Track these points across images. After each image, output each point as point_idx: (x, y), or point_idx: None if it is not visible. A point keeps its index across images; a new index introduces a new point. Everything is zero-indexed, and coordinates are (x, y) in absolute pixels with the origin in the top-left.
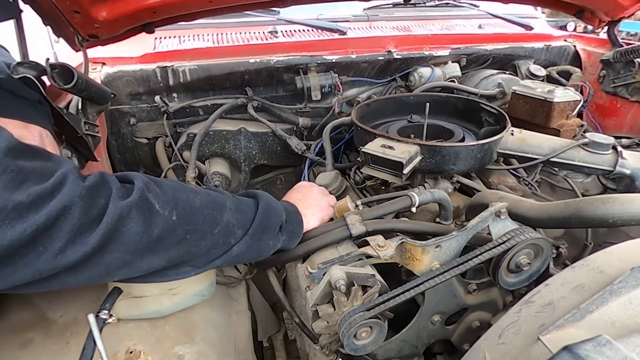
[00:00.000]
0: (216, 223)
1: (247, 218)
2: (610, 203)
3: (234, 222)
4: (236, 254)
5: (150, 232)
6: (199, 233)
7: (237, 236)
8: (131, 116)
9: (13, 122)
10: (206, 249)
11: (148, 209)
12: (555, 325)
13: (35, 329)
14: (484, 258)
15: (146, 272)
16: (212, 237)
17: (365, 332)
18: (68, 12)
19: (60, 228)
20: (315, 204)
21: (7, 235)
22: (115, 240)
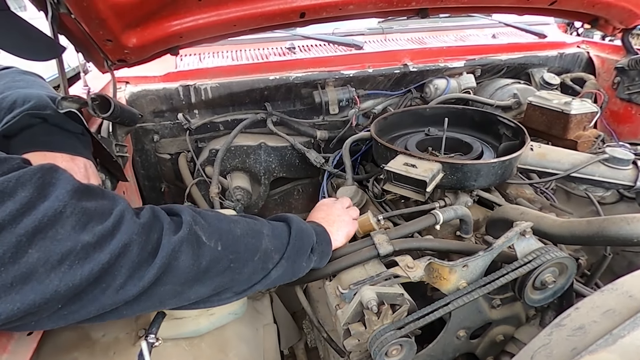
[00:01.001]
0: (256, 250)
1: (282, 243)
2: (634, 223)
3: (272, 248)
4: (274, 277)
5: (199, 263)
6: (241, 261)
7: (274, 261)
8: (154, 133)
9: (62, 155)
10: (247, 275)
11: (197, 242)
12: (588, 351)
13: (80, 349)
14: (511, 277)
15: (193, 300)
16: (252, 263)
17: (395, 350)
18: (101, 41)
19: (121, 265)
20: (339, 220)
21: (77, 275)
22: (168, 273)
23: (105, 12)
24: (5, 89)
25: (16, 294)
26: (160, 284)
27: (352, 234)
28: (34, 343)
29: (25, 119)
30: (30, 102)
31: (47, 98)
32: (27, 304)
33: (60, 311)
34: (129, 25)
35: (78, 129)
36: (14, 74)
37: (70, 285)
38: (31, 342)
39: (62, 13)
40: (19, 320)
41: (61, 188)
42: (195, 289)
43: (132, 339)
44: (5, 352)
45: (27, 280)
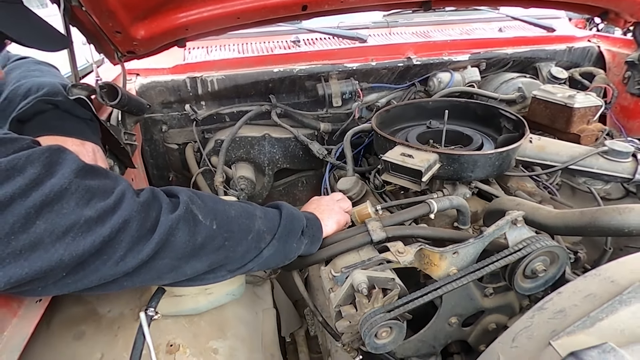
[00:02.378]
0: (249, 230)
1: (274, 224)
2: (626, 213)
3: (264, 229)
4: (266, 257)
5: (195, 239)
6: (235, 239)
7: (266, 241)
8: (163, 123)
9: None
10: (241, 253)
11: (193, 220)
12: (566, 332)
13: (87, 323)
14: (500, 265)
15: (190, 276)
16: (246, 242)
17: (385, 332)
18: (110, 32)
19: (121, 239)
20: (328, 209)
21: (80, 246)
22: (166, 248)
23: (114, 4)
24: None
25: (25, 260)
26: (158, 258)
27: (343, 222)
28: (41, 309)
29: (38, 105)
30: (44, 89)
31: (59, 85)
32: (35, 270)
33: (65, 279)
34: (137, 17)
35: (87, 115)
36: (30, 63)
37: (74, 255)
38: (39, 308)
39: (74, 5)
40: (28, 285)
41: (67, 167)
42: (191, 264)
43: (136, 315)
44: (16, 317)
45: (34, 248)
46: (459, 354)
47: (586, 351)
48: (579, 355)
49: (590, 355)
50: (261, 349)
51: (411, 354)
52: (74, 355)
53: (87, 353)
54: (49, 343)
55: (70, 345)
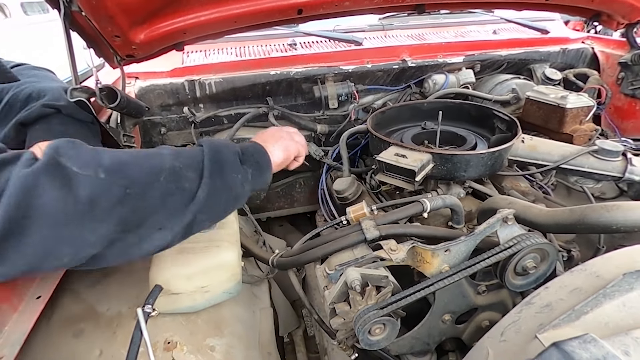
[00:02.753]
0: (158, 170)
1: (195, 159)
2: (614, 211)
3: (180, 165)
4: (204, 199)
5: (76, 195)
6: (139, 185)
7: (191, 179)
8: (162, 126)
9: None
10: (160, 200)
11: (62, 172)
12: (552, 325)
13: (86, 321)
14: (491, 262)
15: (100, 243)
16: (159, 184)
17: (379, 329)
18: (110, 37)
19: None
20: (273, 137)
21: None
22: (31, 215)
23: (113, 9)
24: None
25: None
26: (26, 230)
27: (293, 150)
28: (41, 305)
29: (41, 109)
30: (46, 94)
31: (61, 90)
32: None
33: None
34: (136, 21)
35: (89, 118)
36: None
37: None
38: (39, 304)
39: (74, 11)
40: None
41: None
42: (89, 227)
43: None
44: (16, 312)
45: None
46: (453, 351)
47: (568, 341)
48: (561, 345)
49: (572, 345)
50: (258, 347)
51: (406, 351)
52: (73, 352)
53: (86, 350)
54: (49, 340)
55: (69, 343)
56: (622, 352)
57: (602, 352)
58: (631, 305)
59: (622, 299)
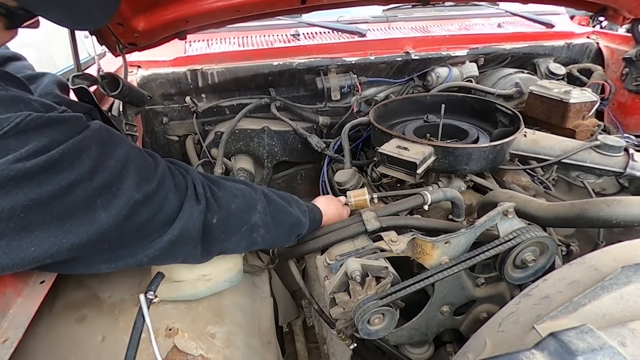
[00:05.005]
0: (245, 223)
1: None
2: (614, 205)
3: (260, 223)
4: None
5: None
6: (231, 232)
7: (260, 233)
8: (164, 115)
9: None
10: (235, 242)
11: (201, 213)
12: (550, 316)
13: (89, 307)
14: (490, 254)
15: (184, 259)
16: (240, 233)
17: (378, 319)
18: (112, 25)
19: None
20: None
21: (129, 223)
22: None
23: None
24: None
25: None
26: (177, 243)
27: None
28: (45, 290)
29: None
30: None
31: (52, 85)
32: (89, 238)
33: (105, 253)
34: (138, 9)
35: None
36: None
37: (121, 231)
38: (43, 289)
39: None
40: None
41: (120, 148)
42: (187, 249)
43: (136, 300)
44: (20, 297)
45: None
46: (451, 342)
47: (565, 332)
48: (559, 335)
49: (569, 335)
50: (258, 335)
51: (404, 341)
52: (75, 337)
53: (89, 335)
54: (52, 326)
55: (72, 328)
56: (618, 343)
57: (599, 343)
58: (628, 298)
59: (619, 291)
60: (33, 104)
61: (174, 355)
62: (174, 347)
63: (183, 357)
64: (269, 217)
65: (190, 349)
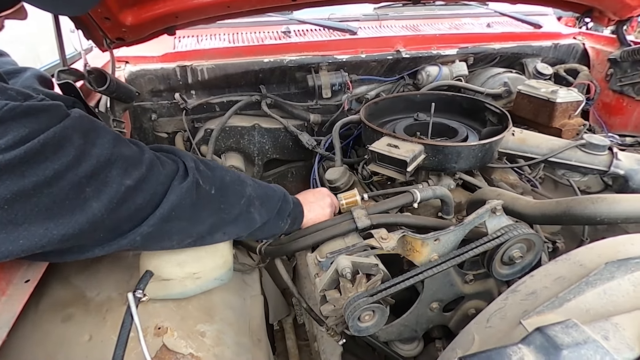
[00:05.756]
0: (242, 195)
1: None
2: (598, 203)
3: (254, 195)
4: (258, 223)
5: (198, 203)
6: (230, 203)
7: (256, 206)
8: (152, 112)
9: None
10: (234, 216)
11: (196, 186)
12: (536, 312)
13: (75, 306)
14: (479, 251)
15: (194, 237)
16: (239, 206)
17: (368, 316)
18: (99, 19)
19: (149, 205)
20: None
21: (121, 211)
22: (176, 211)
23: None
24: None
25: (76, 222)
26: (170, 221)
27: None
28: (30, 289)
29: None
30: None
31: (32, 78)
32: (81, 227)
33: (101, 241)
34: (126, 3)
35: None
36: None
37: (113, 218)
38: (28, 288)
39: None
40: (75, 241)
41: (103, 136)
42: (195, 225)
43: (124, 298)
44: (4, 295)
45: (83, 210)
46: (440, 338)
47: (551, 326)
48: (544, 330)
49: (554, 330)
50: (248, 334)
51: (394, 338)
52: (62, 336)
53: (76, 334)
54: (37, 325)
55: (58, 327)
56: (602, 337)
57: (583, 337)
58: (612, 293)
59: (603, 287)
60: (9, 93)
61: (163, 354)
62: (163, 346)
63: (172, 356)
64: (260, 190)
65: (179, 348)
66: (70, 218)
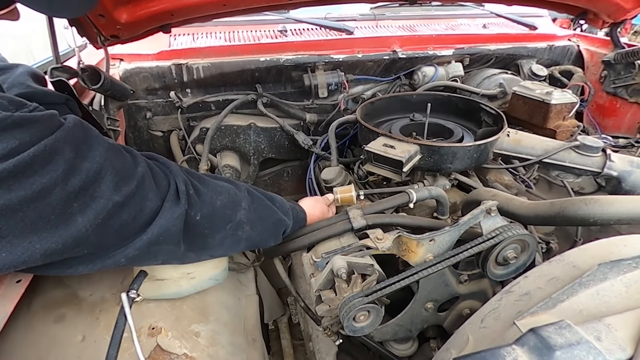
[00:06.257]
0: (230, 220)
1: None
2: (591, 204)
3: (245, 220)
4: (243, 244)
5: (181, 227)
6: (214, 229)
7: (245, 230)
8: (147, 110)
9: None
10: (219, 240)
11: (185, 213)
12: (530, 312)
13: (68, 306)
14: (473, 251)
15: (177, 257)
16: (224, 231)
17: (363, 316)
18: (94, 16)
19: (136, 224)
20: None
21: (107, 226)
22: (164, 235)
23: None
24: None
25: (59, 237)
26: (158, 244)
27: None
28: (21, 289)
29: None
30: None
31: (25, 75)
32: (65, 244)
33: (85, 257)
34: (121, 1)
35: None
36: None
37: (99, 235)
38: (19, 288)
39: None
40: (57, 257)
41: (96, 148)
42: (176, 247)
43: (117, 299)
44: None
45: (68, 226)
46: (434, 338)
47: (544, 327)
48: (538, 331)
49: (548, 330)
50: (243, 333)
51: (389, 338)
52: (55, 337)
53: (68, 335)
54: (29, 325)
55: (51, 328)
56: (594, 338)
57: (576, 338)
58: (604, 294)
59: (596, 288)
60: (0, 102)
61: (157, 354)
62: (157, 346)
63: (166, 357)
64: (254, 214)
65: (174, 348)
66: (54, 232)
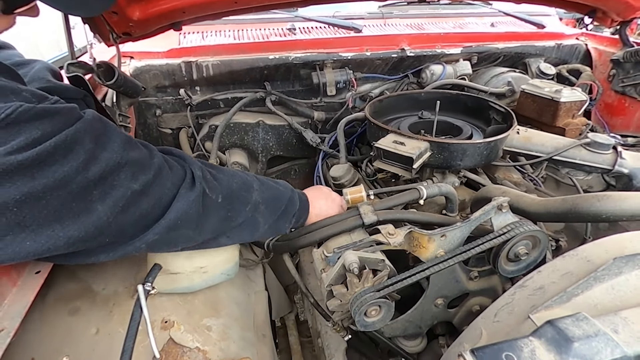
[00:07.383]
0: (247, 202)
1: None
2: (604, 200)
3: (260, 200)
4: (261, 230)
5: (205, 211)
6: (236, 210)
7: (261, 212)
8: (157, 108)
9: None
10: (239, 222)
11: (203, 195)
12: (544, 306)
13: (82, 299)
14: (485, 247)
15: (198, 242)
16: (244, 213)
17: (374, 311)
18: (107, 13)
19: (155, 211)
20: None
21: (126, 216)
22: (182, 220)
23: None
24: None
25: (81, 224)
26: (176, 229)
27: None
28: (41, 280)
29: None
30: (33, 81)
31: (45, 71)
32: (88, 232)
33: (108, 246)
34: None
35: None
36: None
37: (119, 223)
38: (38, 279)
39: None
40: (82, 245)
41: (114, 140)
42: (200, 232)
43: (131, 292)
44: (15, 287)
45: (89, 214)
46: (444, 335)
47: (562, 319)
48: (555, 322)
49: (565, 322)
50: (253, 329)
51: (399, 334)
52: (69, 329)
53: (83, 328)
54: (44, 317)
55: (65, 320)
56: (611, 330)
57: (594, 330)
58: (619, 289)
59: (611, 282)
60: (23, 94)
61: (170, 347)
62: (170, 339)
63: (179, 350)
64: (266, 193)
65: (186, 342)
66: (76, 220)
